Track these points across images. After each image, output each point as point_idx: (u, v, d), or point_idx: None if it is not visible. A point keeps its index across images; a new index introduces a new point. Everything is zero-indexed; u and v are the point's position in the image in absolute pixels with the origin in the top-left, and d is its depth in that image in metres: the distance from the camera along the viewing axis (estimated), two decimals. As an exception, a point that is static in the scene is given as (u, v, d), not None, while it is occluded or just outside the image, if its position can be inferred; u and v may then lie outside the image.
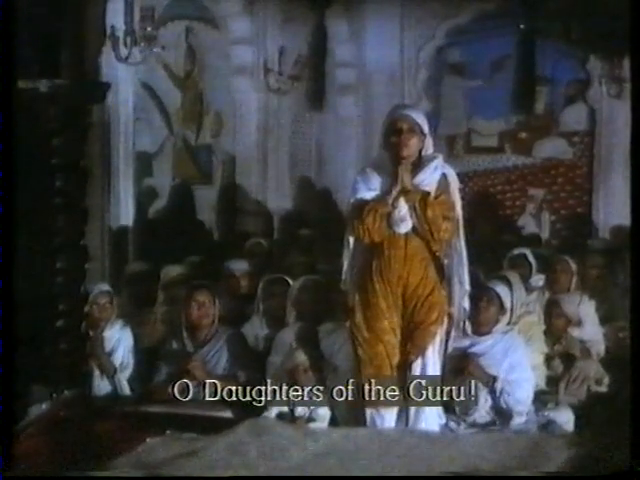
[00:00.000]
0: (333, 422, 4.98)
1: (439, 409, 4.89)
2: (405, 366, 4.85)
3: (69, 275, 5.43)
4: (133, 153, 9.26)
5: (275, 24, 9.88)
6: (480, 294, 5.22)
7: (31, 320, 5.04)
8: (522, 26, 9.79)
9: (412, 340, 4.85)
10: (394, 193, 4.82)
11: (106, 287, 5.97)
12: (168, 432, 4.56)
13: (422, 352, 4.83)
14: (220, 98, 10.15)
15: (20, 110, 4.75)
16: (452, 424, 5.01)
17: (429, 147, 4.95)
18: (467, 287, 4.99)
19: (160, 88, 9.96)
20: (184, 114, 10.23)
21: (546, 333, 5.81)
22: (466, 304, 5.01)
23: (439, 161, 4.90)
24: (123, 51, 8.20)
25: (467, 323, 5.13)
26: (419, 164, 4.90)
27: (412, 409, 4.82)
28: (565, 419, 5.21)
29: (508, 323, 5.33)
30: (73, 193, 5.50)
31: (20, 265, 4.59)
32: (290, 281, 5.80)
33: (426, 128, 4.93)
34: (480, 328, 5.20)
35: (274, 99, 10.10)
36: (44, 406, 4.94)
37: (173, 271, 6.68)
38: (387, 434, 4.68)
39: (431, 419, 4.84)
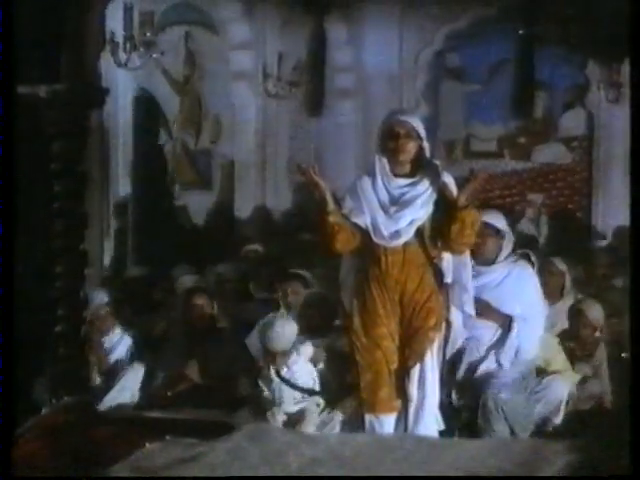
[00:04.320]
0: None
1: (438, 414, 4.89)
2: (403, 372, 4.84)
3: (68, 280, 5.43)
4: (132, 158, 9.28)
5: (274, 29, 9.90)
6: None
7: (30, 325, 5.05)
8: (521, 31, 9.82)
9: (410, 346, 4.84)
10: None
11: (105, 299, 5.96)
12: (167, 437, 4.56)
13: (420, 358, 4.81)
14: (219, 103, 10.17)
15: (19, 115, 4.75)
16: None
17: (427, 152, 4.95)
18: (471, 293, 4.99)
19: (159, 93, 9.97)
20: (183, 119, 10.25)
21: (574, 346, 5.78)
22: (471, 310, 5.00)
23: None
24: (122, 56, 8.21)
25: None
26: (417, 170, 4.90)
27: (411, 414, 4.82)
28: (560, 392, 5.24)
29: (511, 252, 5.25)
30: (72, 198, 5.51)
31: (19, 269, 4.59)
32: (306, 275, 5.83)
33: (423, 133, 4.90)
34: (484, 261, 5.14)
35: (273, 104, 10.12)
36: (43, 411, 4.94)
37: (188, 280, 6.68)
38: (386, 439, 4.68)
39: (430, 424, 4.84)
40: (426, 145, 4.92)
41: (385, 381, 4.84)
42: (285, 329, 5.21)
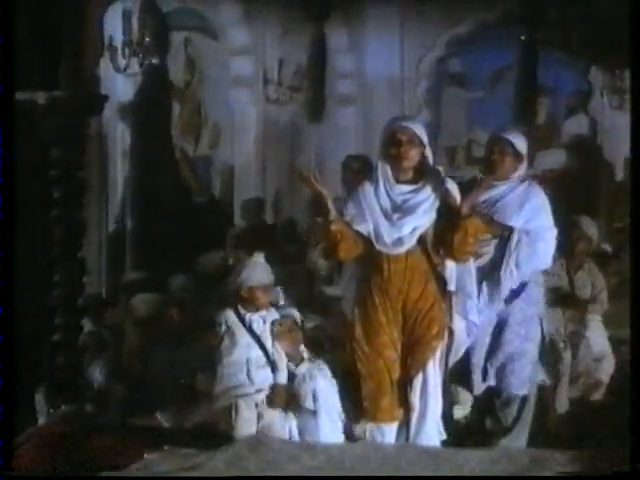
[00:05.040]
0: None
1: (440, 424, 4.89)
2: (406, 381, 4.84)
3: (66, 288, 5.43)
4: (131, 164, 9.28)
5: (274, 35, 9.91)
6: (492, 146, 5.11)
7: (28, 334, 5.04)
8: (523, 37, 9.82)
9: (412, 355, 4.84)
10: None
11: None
12: (166, 447, 4.56)
13: (422, 367, 4.81)
14: (219, 109, 10.17)
15: (18, 122, 4.75)
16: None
17: (429, 158, 4.95)
18: (476, 300, 4.99)
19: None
20: (183, 125, 10.25)
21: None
22: (475, 318, 5.00)
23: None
24: (121, 62, 8.23)
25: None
26: (419, 176, 4.90)
27: (413, 424, 4.81)
28: None
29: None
30: (71, 205, 5.51)
31: (18, 277, 4.59)
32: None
33: (425, 139, 4.91)
34: (498, 178, 5.05)
35: (273, 110, 10.12)
36: (41, 421, 4.93)
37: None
38: (387, 449, 4.67)
39: (432, 434, 4.83)
40: (429, 152, 4.93)
41: (387, 390, 4.84)
42: (261, 260, 5.06)
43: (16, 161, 4.57)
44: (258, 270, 5.01)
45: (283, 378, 4.96)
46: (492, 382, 5.09)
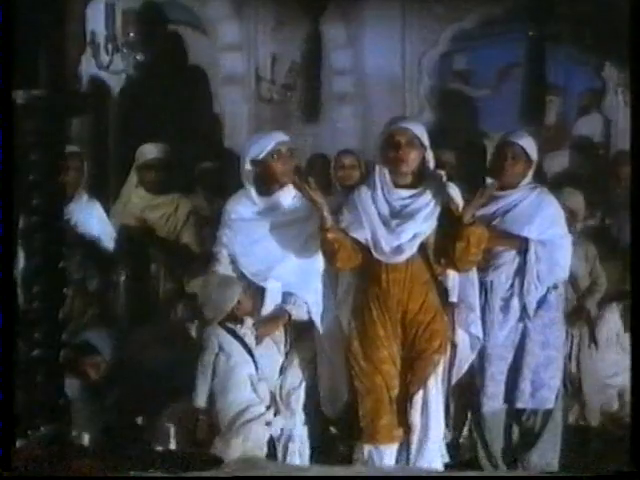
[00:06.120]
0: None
1: (442, 445, 4.89)
2: (405, 398, 4.85)
3: (46, 300, 5.42)
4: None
5: (267, 29, 9.89)
6: (504, 151, 5.21)
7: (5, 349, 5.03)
8: (531, 32, 9.83)
9: (413, 370, 4.85)
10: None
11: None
12: (151, 470, 4.56)
13: (423, 383, 4.82)
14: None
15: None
16: None
17: (430, 161, 4.96)
18: (478, 313, 4.99)
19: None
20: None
21: None
22: (478, 331, 5.00)
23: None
24: (104, 59, 8.22)
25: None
26: (419, 180, 4.91)
27: (413, 445, 4.81)
28: None
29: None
30: (51, 212, 5.50)
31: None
32: None
33: (426, 141, 4.93)
34: (507, 185, 5.17)
35: (266, 109, 10.12)
36: (18, 443, 4.91)
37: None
38: (386, 472, 4.67)
39: (434, 456, 4.84)
40: (429, 154, 4.94)
41: (386, 408, 4.84)
42: (229, 271, 5.13)
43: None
44: (233, 280, 5.05)
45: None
46: (530, 405, 5.11)
